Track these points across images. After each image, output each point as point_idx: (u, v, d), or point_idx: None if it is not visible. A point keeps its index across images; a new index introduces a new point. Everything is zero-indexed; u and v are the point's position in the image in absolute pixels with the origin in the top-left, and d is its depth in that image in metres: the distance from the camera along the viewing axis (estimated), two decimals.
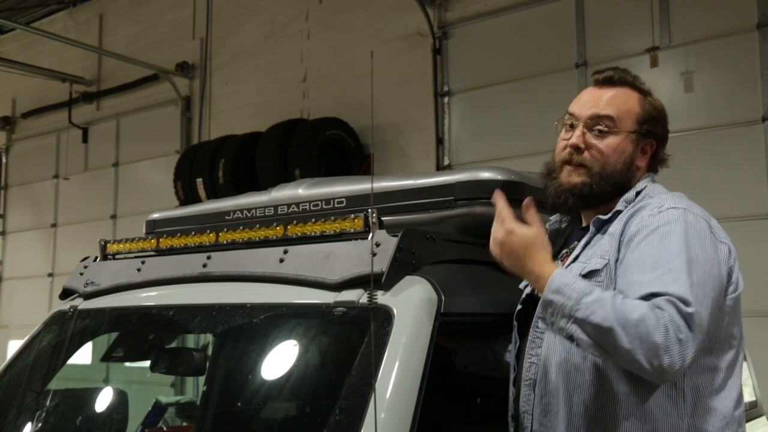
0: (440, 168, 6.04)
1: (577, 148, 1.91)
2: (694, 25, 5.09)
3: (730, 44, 4.96)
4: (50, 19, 9.14)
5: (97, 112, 8.66)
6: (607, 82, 1.96)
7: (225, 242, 2.37)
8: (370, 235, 2.00)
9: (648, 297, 1.60)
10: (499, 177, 2.25)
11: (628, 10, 5.36)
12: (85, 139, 8.72)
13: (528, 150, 5.32)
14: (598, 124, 1.90)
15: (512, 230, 1.76)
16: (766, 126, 4.79)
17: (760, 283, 4.44)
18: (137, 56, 7.82)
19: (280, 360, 2.12)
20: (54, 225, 8.93)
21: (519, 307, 2.02)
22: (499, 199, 1.83)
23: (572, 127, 1.94)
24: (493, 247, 1.81)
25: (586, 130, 1.91)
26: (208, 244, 2.40)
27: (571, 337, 1.63)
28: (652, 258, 1.67)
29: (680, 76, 5.11)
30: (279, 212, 2.55)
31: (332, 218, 2.13)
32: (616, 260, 1.77)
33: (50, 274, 8.75)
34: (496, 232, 1.80)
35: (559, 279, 1.67)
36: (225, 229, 2.39)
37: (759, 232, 4.69)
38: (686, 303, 1.57)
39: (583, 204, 1.94)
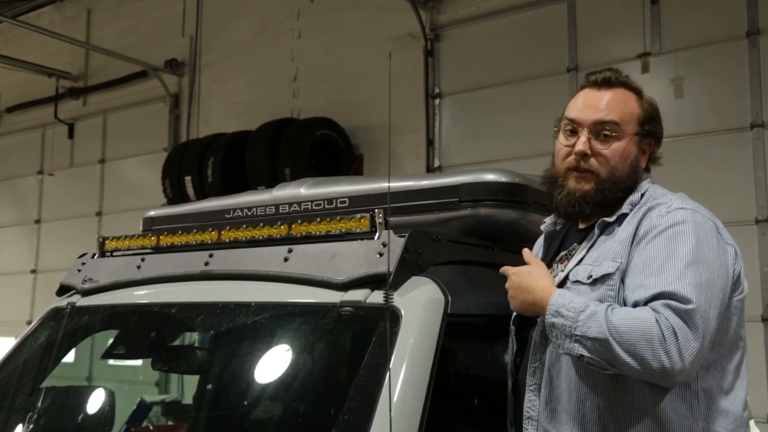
0: (430, 169, 6.05)
1: (584, 155, 1.89)
2: (685, 32, 5.13)
3: (720, 51, 5.00)
4: (37, 13, 9.01)
5: (83, 107, 8.56)
6: (605, 83, 1.94)
7: (227, 240, 2.36)
8: (377, 235, 2.00)
9: (649, 300, 1.61)
10: (504, 179, 2.26)
11: (620, 15, 5.40)
12: (71, 135, 8.63)
13: (518, 153, 5.35)
14: (603, 129, 1.89)
15: (512, 274, 1.86)
16: (755, 133, 4.83)
17: (750, 288, 4.47)
18: (125, 52, 7.73)
19: (285, 359, 2.11)
20: (38, 221, 8.83)
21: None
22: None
23: (573, 132, 1.92)
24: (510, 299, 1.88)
25: (591, 136, 1.89)
26: (210, 242, 2.39)
27: (578, 357, 1.65)
28: (659, 260, 1.67)
29: (670, 82, 5.15)
30: (280, 211, 2.54)
31: (338, 218, 2.13)
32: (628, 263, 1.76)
33: (33, 271, 8.65)
34: (506, 285, 1.89)
35: (557, 301, 1.69)
36: (227, 227, 2.37)
37: (747, 237, 4.73)
38: (686, 301, 1.58)
39: (598, 211, 1.90)
